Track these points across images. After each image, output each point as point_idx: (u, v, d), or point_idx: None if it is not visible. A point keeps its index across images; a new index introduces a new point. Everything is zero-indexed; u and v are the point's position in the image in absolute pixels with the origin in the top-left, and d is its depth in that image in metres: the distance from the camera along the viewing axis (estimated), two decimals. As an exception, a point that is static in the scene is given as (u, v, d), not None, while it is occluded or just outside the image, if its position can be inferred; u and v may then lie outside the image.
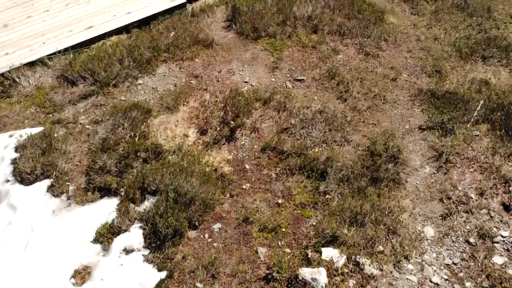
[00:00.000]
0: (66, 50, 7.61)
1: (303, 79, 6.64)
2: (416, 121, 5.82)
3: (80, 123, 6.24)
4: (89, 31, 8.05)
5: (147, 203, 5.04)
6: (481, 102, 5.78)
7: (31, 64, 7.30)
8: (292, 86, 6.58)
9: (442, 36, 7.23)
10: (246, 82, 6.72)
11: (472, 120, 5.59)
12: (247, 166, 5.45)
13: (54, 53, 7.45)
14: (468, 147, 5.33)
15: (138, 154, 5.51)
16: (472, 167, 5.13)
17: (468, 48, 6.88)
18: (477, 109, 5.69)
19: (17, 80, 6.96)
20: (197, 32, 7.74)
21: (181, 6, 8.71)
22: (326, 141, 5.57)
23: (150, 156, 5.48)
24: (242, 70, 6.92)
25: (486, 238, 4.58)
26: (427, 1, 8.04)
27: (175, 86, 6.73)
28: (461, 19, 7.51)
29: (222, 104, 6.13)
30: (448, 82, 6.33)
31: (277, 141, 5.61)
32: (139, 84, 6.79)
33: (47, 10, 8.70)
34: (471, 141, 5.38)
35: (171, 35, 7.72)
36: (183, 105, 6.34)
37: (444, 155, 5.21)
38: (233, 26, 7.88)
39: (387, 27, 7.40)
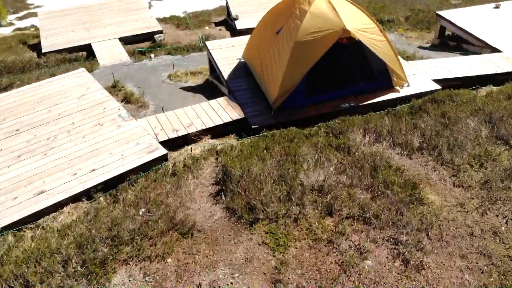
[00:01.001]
0: (3, 230, 5.82)
1: (318, 308, 4.65)
2: None
3: None
4: (39, 199, 6.27)
5: None
6: None
7: (-48, 255, 5.45)
8: (303, 320, 4.57)
9: (503, 228, 5.35)
10: (236, 308, 4.73)
11: None
12: None
13: (-16, 237, 5.63)
14: None
15: None
16: None
17: (544, 253, 4.95)
18: None
19: None
20: (174, 208, 5.92)
21: (161, 159, 7.03)
22: None
23: None
24: (231, 283, 4.96)
25: None
26: (472, 166, 6.28)
27: (135, 311, 4.74)
28: (524, 199, 5.69)
29: None
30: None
31: None
32: (85, 307, 4.81)
33: (-7, 164, 7.05)
34: None
35: (141, 213, 5.90)
36: None
37: None
38: (223, 197, 6.10)
39: (426, 211, 5.55)
